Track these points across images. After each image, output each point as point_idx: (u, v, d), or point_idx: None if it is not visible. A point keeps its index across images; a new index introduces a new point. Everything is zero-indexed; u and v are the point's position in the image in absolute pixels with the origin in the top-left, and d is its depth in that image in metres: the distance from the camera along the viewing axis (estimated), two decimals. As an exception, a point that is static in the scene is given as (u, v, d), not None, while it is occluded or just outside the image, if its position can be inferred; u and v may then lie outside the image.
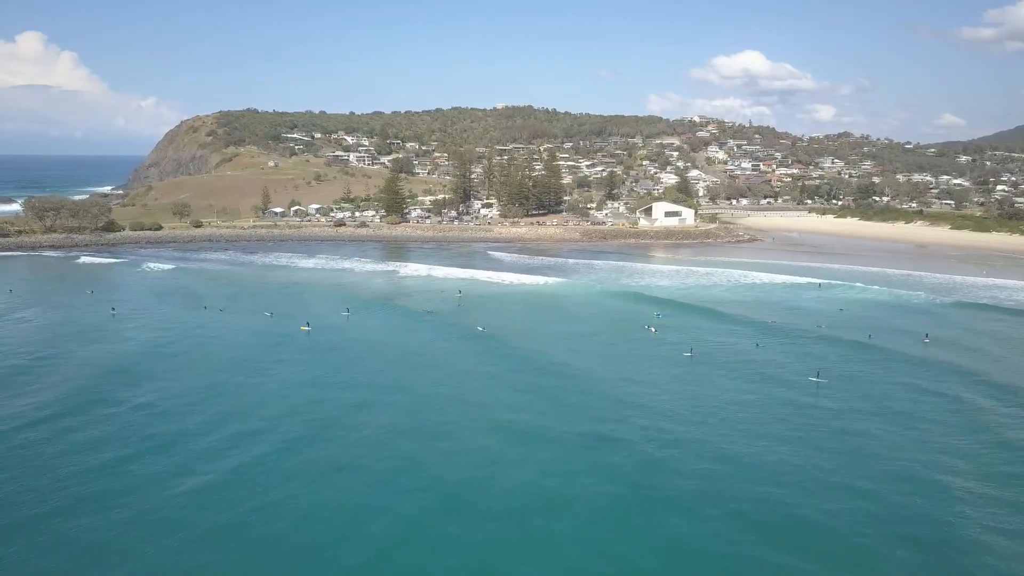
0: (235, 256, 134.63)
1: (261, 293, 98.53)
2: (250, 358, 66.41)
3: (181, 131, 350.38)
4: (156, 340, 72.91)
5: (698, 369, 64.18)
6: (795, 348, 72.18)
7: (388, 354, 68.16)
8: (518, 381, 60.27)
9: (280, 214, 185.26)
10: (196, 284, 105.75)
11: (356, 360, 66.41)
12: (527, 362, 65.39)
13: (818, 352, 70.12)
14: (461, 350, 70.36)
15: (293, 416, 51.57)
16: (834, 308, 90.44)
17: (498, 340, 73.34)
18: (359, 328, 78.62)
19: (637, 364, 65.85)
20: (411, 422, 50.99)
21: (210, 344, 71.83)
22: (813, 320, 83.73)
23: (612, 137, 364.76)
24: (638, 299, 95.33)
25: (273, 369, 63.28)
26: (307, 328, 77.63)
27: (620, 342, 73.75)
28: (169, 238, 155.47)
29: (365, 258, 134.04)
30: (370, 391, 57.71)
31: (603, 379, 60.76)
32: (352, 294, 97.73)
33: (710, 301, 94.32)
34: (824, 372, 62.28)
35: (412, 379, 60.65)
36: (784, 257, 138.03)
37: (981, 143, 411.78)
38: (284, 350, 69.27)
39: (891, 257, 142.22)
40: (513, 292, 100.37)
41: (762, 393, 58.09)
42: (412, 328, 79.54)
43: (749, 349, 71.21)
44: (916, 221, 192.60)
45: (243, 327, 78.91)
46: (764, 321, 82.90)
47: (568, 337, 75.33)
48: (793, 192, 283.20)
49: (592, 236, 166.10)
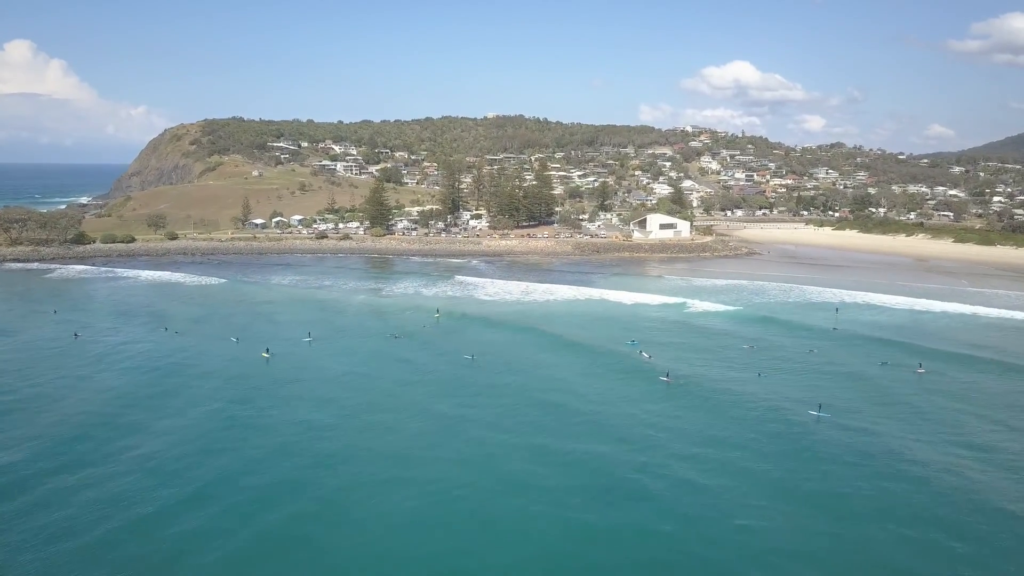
0: (208, 271, 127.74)
1: (230, 314, 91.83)
2: (193, 396, 59.21)
3: (164, 139, 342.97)
4: (107, 373, 66.21)
5: (688, 400, 58.25)
6: (798, 377, 66.45)
7: (350, 392, 60.32)
8: (513, 438, 53.02)
9: (261, 226, 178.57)
10: (163, 303, 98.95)
11: (312, 401, 58.13)
12: (519, 409, 58.27)
13: (823, 381, 64.57)
14: (433, 386, 62.80)
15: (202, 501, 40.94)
16: (848, 332, 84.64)
17: (484, 371, 66.94)
18: (325, 356, 71.71)
19: (648, 411, 59.65)
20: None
21: (161, 377, 64.91)
22: (814, 345, 77.93)
23: (604, 147, 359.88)
24: (634, 321, 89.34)
25: (207, 418, 54.17)
26: (267, 355, 71.24)
27: (616, 375, 67.43)
28: (142, 251, 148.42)
29: (344, 274, 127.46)
30: (309, 468, 45.25)
31: (616, 434, 54.55)
32: (325, 315, 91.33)
33: (707, 325, 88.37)
34: (827, 405, 57.02)
35: (374, 438, 50.43)
36: (784, 272, 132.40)
37: (972, 154, 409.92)
38: (236, 385, 62.09)
39: (898, 273, 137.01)
40: (498, 312, 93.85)
41: (755, 427, 53.29)
42: (383, 356, 72.48)
43: (751, 379, 65.44)
44: (917, 234, 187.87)
45: (203, 353, 72.18)
46: (767, 345, 77.08)
47: (559, 368, 68.94)
48: (788, 203, 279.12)
49: (585, 249, 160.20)
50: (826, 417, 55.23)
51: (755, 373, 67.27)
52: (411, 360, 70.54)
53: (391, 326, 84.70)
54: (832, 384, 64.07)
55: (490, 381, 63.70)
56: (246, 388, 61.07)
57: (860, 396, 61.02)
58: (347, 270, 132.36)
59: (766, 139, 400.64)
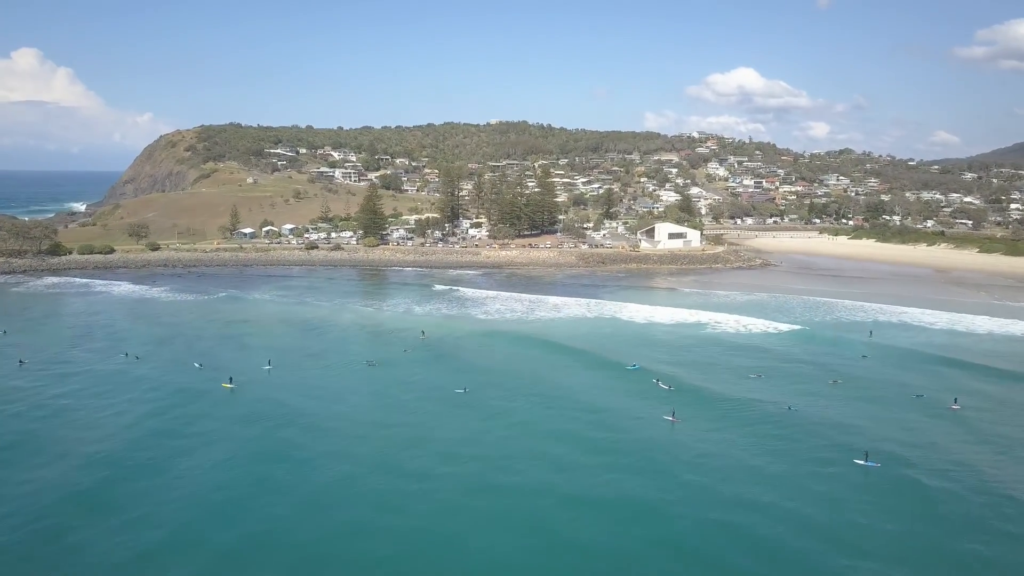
0: (186, 285, 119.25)
1: (199, 335, 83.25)
2: (129, 440, 50.64)
3: (159, 146, 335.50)
4: (46, 406, 57.57)
5: (713, 443, 49.37)
6: (833, 412, 57.65)
7: (306, 439, 51.02)
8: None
9: (250, 235, 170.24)
10: (128, 322, 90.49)
11: (260, 451, 49.09)
12: (512, 466, 49.01)
13: (860, 418, 55.65)
14: (409, 429, 52.82)
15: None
16: (881, 357, 75.69)
17: (476, 408, 58.04)
18: (287, 388, 62.77)
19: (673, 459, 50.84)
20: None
21: (102, 415, 56.22)
22: (846, 370, 69.15)
23: (609, 153, 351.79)
24: (647, 343, 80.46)
25: (149, 470, 46.62)
26: (230, 386, 62.74)
27: (632, 413, 58.60)
28: (120, 262, 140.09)
29: (331, 288, 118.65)
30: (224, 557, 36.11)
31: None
32: (301, 336, 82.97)
33: (727, 347, 79.42)
34: (875, 452, 48.35)
35: (319, 512, 40.08)
36: (805, 284, 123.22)
37: (980, 160, 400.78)
38: (184, 427, 53.31)
39: (926, 286, 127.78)
40: (496, 333, 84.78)
41: (794, 482, 44.71)
42: (356, 388, 63.58)
43: (778, 414, 56.73)
44: (939, 243, 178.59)
45: (160, 385, 63.58)
46: (795, 372, 68.26)
47: (566, 405, 59.95)
48: (800, 210, 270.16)
49: (589, 260, 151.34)
50: (875, 468, 46.51)
51: (784, 407, 58.59)
52: (388, 393, 61.67)
53: (372, 350, 76.09)
54: (871, 423, 55.20)
55: (481, 425, 54.37)
56: (195, 431, 52.32)
57: (904, 437, 52.26)
58: (335, 284, 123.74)
59: (774, 145, 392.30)
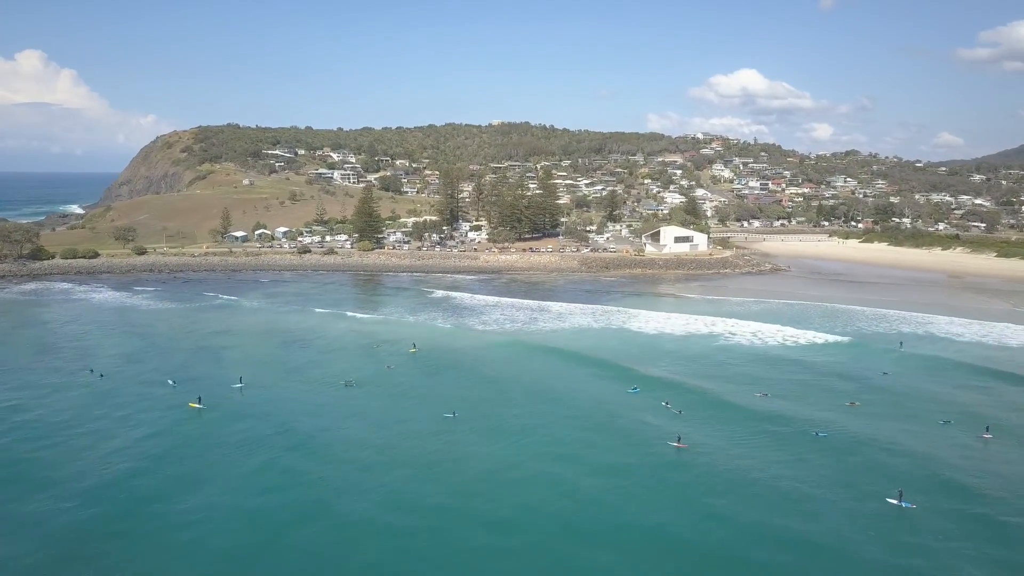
0: (169, 292, 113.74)
1: (176, 347, 77.76)
2: (81, 471, 45.37)
3: (156, 147, 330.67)
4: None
5: (724, 475, 43.69)
6: (858, 440, 51.78)
7: (267, 478, 45.55)
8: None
9: (242, 239, 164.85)
10: (100, 334, 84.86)
11: (209, 494, 43.86)
12: (506, 526, 42.90)
13: (888, 450, 49.84)
14: (380, 474, 45.81)
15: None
16: (908, 372, 69.94)
17: (465, 438, 52.35)
18: (256, 411, 57.07)
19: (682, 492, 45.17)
20: None
21: (54, 444, 50.68)
22: (875, 393, 63.35)
23: (612, 155, 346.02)
24: (656, 356, 74.63)
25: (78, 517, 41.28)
26: (198, 406, 57.26)
27: (639, 442, 52.90)
28: (104, 267, 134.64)
29: (321, 295, 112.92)
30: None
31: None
32: (283, 348, 77.46)
33: (742, 362, 73.61)
34: (910, 491, 42.79)
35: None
36: (819, 291, 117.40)
37: (985, 162, 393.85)
38: (145, 457, 47.89)
39: (946, 293, 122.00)
40: (493, 346, 79.19)
41: (825, 526, 39.11)
42: (333, 410, 57.80)
43: (794, 441, 51.07)
44: (954, 247, 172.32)
45: (125, 404, 58.08)
46: (811, 391, 62.53)
47: (570, 433, 54.30)
48: (808, 213, 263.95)
49: (592, 265, 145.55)
50: (911, 510, 40.93)
51: (803, 431, 53.02)
52: (365, 420, 55.51)
53: (356, 365, 70.44)
54: (896, 454, 49.52)
55: (466, 462, 48.01)
56: (146, 465, 46.66)
57: (935, 471, 46.69)
58: (326, 291, 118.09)
59: (779, 146, 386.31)
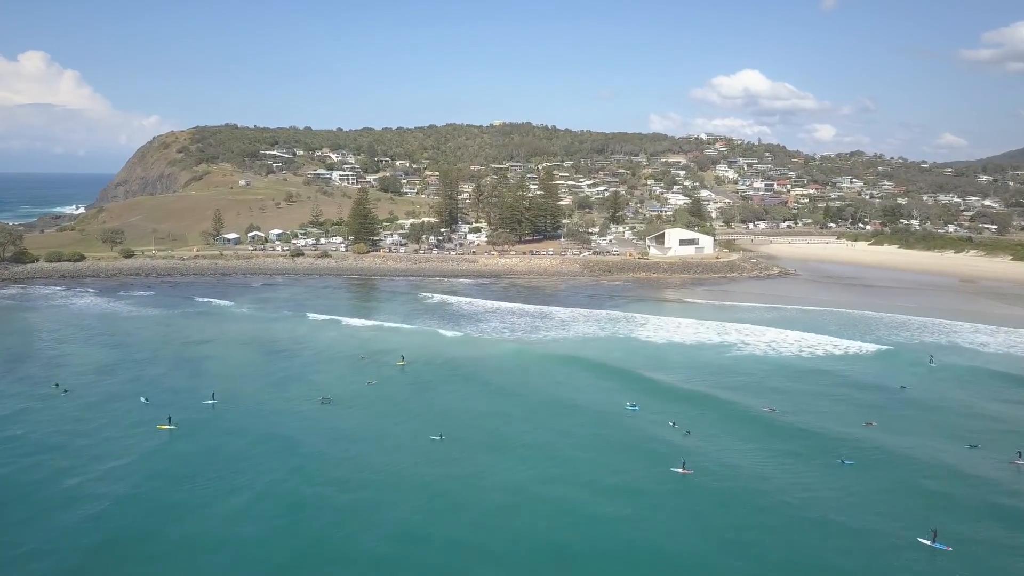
0: (154, 297, 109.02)
1: (153, 358, 73.04)
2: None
3: (152, 147, 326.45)
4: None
5: (733, 507, 38.91)
6: (879, 467, 47.03)
7: (229, 525, 41.29)
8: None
9: (234, 241, 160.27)
10: (76, 342, 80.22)
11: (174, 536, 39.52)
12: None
13: (918, 485, 44.88)
14: (355, 512, 40.80)
15: None
16: (931, 384, 65.11)
17: (452, 467, 47.50)
18: (229, 431, 52.52)
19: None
20: None
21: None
22: (894, 411, 58.61)
23: (615, 155, 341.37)
24: (665, 367, 69.74)
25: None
26: (169, 427, 52.61)
27: (647, 468, 48.18)
28: (89, 271, 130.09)
29: (312, 300, 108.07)
30: None
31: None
32: (265, 360, 72.71)
33: (758, 379, 68.76)
34: (943, 529, 38.13)
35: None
36: (833, 296, 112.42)
37: (989, 163, 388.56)
38: (102, 493, 43.23)
39: (964, 299, 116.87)
40: (488, 357, 74.25)
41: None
42: (305, 429, 53.03)
43: (831, 474, 46.15)
44: (968, 250, 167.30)
45: (84, 427, 53.32)
46: (827, 405, 57.68)
47: (572, 457, 49.63)
48: (814, 214, 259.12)
49: (595, 269, 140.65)
50: (945, 553, 36.38)
51: (837, 460, 48.20)
52: (341, 443, 50.63)
53: (338, 379, 65.77)
54: (927, 484, 44.87)
55: (455, 493, 43.14)
56: (112, 512, 41.56)
57: (969, 505, 42.02)
58: (317, 296, 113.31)
59: (784, 147, 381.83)
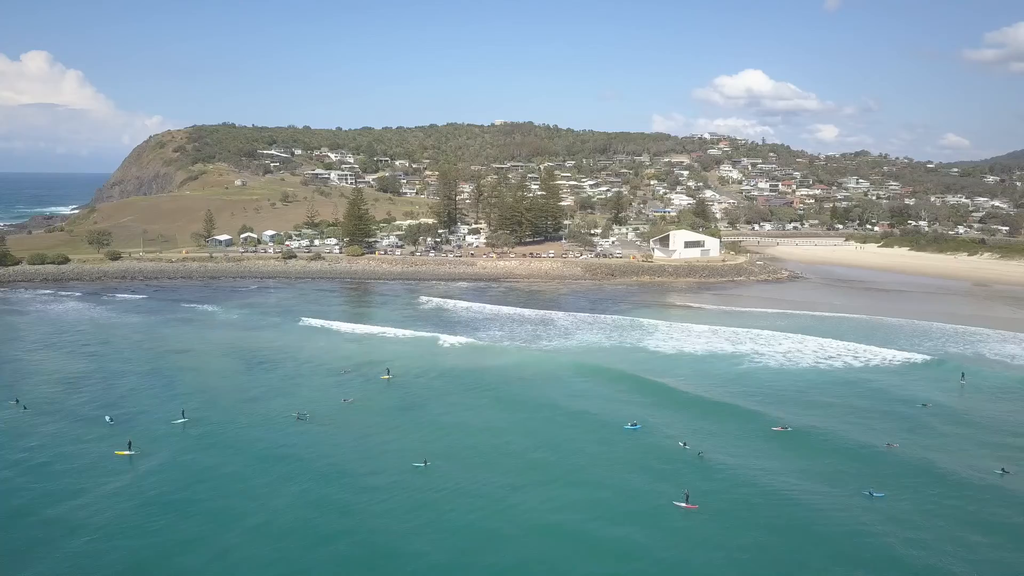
0: (137, 302, 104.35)
1: (125, 371, 68.31)
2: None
3: (149, 146, 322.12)
4: None
5: (775, 547, 34.17)
6: (907, 503, 42.19)
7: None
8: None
9: (226, 243, 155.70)
10: (48, 350, 75.68)
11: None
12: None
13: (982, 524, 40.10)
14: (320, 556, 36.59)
15: None
16: (957, 401, 60.16)
17: (434, 497, 42.70)
18: (196, 455, 47.83)
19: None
20: None
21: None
22: (917, 430, 53.69)
23: (617, 155, 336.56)
24: (678, 378, 64.91)
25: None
26: (128, 452, 47.99)
27: (647, 492, 43.38)
28: (73, 274, 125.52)
29: (302, 305, 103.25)
30: None
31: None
32: (244, 372, 68.00)
33: (775, 394, 63.85)
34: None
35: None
36: (848, 300, 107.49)
37: (993, 163, 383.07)
38: (53, 537, 38.58)
39: (985, 304, 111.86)
40: (482, 369, 69.30)
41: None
42: (278, 453, 48.27)
43: (859, 508, 41.35)
44: (981, 253, 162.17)
45: (39, 451, 48.67)
46: (867, 442, 52.65)
47: (571, 487, 44.88)
48: (820, 215, 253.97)
49: (597, 272, 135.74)
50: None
51: (865, 492, 43.48)
52: (313, 468, 45.95)
53: (320, 392, 61.09)
54: (963, 520, 40.18)
55: (438, 538, 38.29)
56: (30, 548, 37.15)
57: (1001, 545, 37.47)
58: (306, 301, 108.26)
59: (788, 147, 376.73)
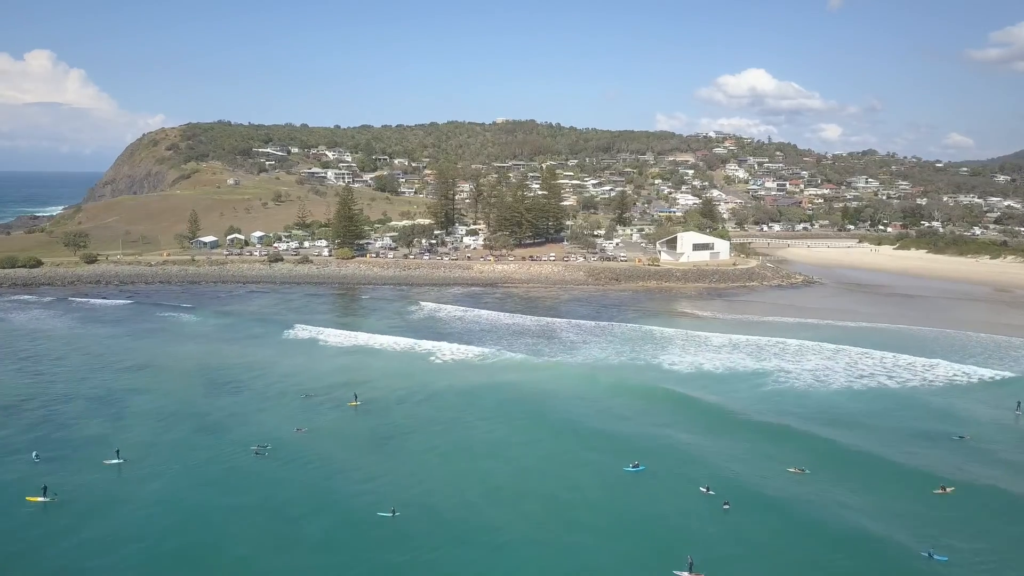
0: (105, 311, 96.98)
1: (71, 394, 60.73)
2: None
3: (142, 144, 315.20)
4: None
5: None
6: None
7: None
8: None
9: (211, 244, 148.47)
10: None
11: None
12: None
13: None
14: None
15: None
16: (997, 444, 52.60)
17: (401, 559, 35.32)
18: (125, 504, 40.64)
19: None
20: None
21: None
22: (961, 471, 46.09)
23: (621, 154, 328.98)
24: (690, 410, 57.36)
25: None
26: (41, 499, 40.76)
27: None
28: (44, 278, 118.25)
29: (283, 313, 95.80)
30: None
31: None
32: (202, 397, 60.09)
33: (806, 422, 56.22)
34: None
35: None
36: (873, 308, 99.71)
37: (1010, 162, 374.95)
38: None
39: (1015, 311, 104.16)
40: (470, 391, 61.60)
41: None
42: (224, 499, 41.18)
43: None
44: (1005, 255, 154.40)
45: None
46: (915, 483, 45.06)
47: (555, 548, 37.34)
48: (831, 215, 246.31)
49: (601, 277, 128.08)
50: None
51: (924, 554, 36.05)
52: (260, 519, 38.87)
53: (285, 419, 53.84)
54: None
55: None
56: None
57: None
58: (289, 309, 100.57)
59: (794, 146, 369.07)
